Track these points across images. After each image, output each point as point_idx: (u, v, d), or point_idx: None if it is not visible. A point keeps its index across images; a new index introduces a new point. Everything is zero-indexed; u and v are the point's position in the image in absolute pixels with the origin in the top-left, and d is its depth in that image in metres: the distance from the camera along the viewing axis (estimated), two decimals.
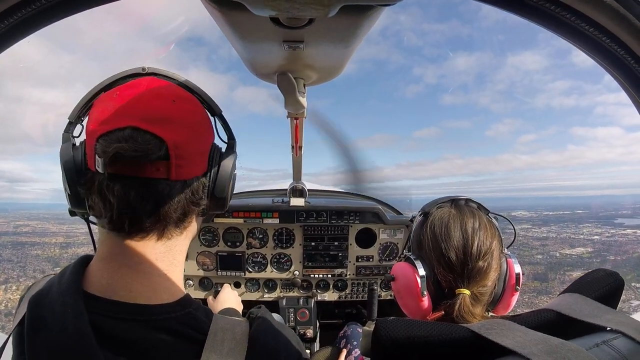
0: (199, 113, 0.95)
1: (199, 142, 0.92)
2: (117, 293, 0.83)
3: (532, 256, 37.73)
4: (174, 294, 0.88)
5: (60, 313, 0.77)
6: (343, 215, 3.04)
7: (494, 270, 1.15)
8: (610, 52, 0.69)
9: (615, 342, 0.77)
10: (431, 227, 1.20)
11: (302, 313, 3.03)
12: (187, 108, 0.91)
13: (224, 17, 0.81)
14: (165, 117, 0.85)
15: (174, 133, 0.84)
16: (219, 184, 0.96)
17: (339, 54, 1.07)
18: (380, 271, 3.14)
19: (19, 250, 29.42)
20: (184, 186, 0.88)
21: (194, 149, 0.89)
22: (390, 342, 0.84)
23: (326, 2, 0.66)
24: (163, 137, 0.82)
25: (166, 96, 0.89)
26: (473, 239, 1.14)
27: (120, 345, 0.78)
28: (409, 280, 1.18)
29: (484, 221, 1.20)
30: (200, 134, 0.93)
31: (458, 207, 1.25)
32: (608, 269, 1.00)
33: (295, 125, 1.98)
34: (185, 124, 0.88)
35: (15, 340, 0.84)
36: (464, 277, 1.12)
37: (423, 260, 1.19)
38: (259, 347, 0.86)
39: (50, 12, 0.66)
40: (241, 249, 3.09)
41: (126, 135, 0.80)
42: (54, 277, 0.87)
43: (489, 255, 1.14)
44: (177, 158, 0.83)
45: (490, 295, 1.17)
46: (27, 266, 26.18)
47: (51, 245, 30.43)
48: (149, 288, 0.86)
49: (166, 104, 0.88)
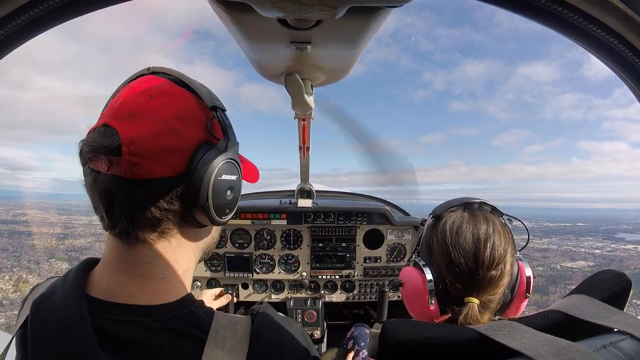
0: (180, 107, 0.84)
1: (170, 138, 0.80)
2: (117, 296, 0.82)
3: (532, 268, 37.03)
4: (175, 294, 0.87)
5: (63, 316, 0.77)
6: (350, 217, 3.04)
7: (506, 277, 1.11)
8: (618, 53, 0.68)
9: (623, 344, 0.76)
10: (442, 233, 1.15)
11: (309, 314, 3.03)
12: (165, 103, 0.83)
13: (231, 18, 0.81)
14: (134, 112, 0.80)
15: (135, 128, 0.78)
16: (193, 189, 0.82)
17: (346, 55, 1.07)
18: (388, 272, 3.13)
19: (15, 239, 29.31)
20: (142, 187, 0.79)
21: (160, 146, 0.79)
22: (397, 343, 0.84)
23: (333, 3, 0.66)
24: (120, 132, 0.78)
25: (146, 92, 0.83)
26: (485, 246, 1.09)
27: (123, 347, 0.78)
28: (417, 287, 1.15)
29: (498, 226, 1.14)
30: (175, 129, 0.81)
31: (471, 211, 1.19)
32: (615, 270, 0.98)
33: (303, 126, 1.98)
34: (155, 119, 0.80)
35: (19, 342, 0.85)
36: (474, 286, 1.08)
37: (432, 266, 1.15)
38: (261, 343, 0.85)
39: (61, 11, 0.67)
40: (249, 250, 3.11)
41: (96, 132, 0.81)
42: (57, 280, 0.87)
43: (502, 263, 1.09)
44: (131, 155, 0.76)
45: (499, 302, 1.14)
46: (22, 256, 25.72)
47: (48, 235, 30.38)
48: (146, 291, 0.84)
49: (141, 100, 0.82)
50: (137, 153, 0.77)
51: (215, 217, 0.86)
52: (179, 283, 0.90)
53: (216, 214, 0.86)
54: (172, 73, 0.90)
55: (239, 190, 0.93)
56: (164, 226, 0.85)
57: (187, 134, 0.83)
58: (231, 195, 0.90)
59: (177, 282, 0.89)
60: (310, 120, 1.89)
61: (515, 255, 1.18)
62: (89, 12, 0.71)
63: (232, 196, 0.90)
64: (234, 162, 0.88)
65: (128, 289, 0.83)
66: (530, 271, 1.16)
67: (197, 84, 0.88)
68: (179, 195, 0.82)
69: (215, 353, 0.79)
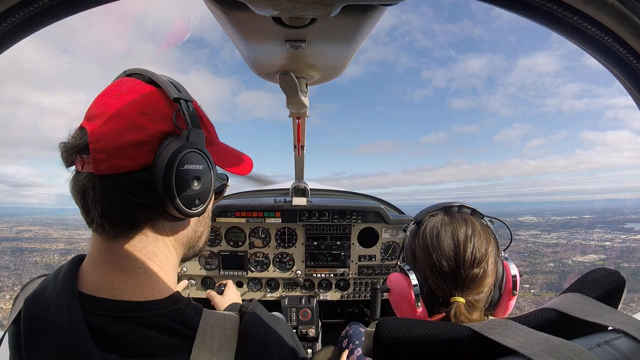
0: (144, 103, 0.85)
1: (133, 133, 0.82)
2: (102, 290, 0.83)
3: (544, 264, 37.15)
4: (161, 291, 0.87)
5: (55, 312, 0.77)
6: (345, 215, 3.04)
7: (490, 276, 1.15)
8: (613, 52, 0.68)
9: (617, 342, 0.77)
10: (423, 237, 1.20)
11: (304, 312, 3.04)
12: (129, 100, 0.84)
13: (226, 16, 0.81)
14: (102, 112, 0.83)
15: (101, 127, 0.81)
16: (156, 181, 0.81)
17: (340, 54, 1.07)
18: (383, 270, 3.14)
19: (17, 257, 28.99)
20: (110, 182, 0.81)
21: (123, 141, 0.80)
22: (392, 341, 0.84)
23: (328, 1, 0.66)
24: (88, 131, 0.82)
25: (115, 92, 0.87)
26: (466, 246, 1.13)
27: (112, 342, 0.78)
28: (403, 292, 1.18)
29: (478, 227, 1.18)
30: (138, 124, 0.82)
31: (450, 214, 1.24)
32: (609, 268, 0.99)
33: (298, 124, 1.98)
34: (119, 116, 0.82)
35: (11, 339, 0.85)
36: (458, 285, 1.12)
37: (417, 270, 1.19)
38: (249, 342, 0.85)
39: (51, 11, 0.67)
40: (243, 249, 3.10)
41: (72, 135, 0.87)
42: (48, 277, 0.88)
43: (484, 262, 1.13)
44: (97, 152, 0.79)
45: (486, 301, 1.17)
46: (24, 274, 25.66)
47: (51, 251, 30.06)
48: (130, 285, 0.85)
49: (109, 100, 0.85)
50: (102, 150, 0.79)
51: (183, 208, 0.84)
52: (162, 278, 0.90)
53: (184, 205, 0.84)
54: (143, 73, 0.92)
55: (209, 180, 0.90)
56: (136, 220, 0.86)
57: (150, 128, 0.84)
58: (199, 185, 0.87)
59: (159, 278, 0.89)
60: (305, 118, 1.89)
61: (500, 255, 1.22)
62: (82, 11, 0.70)
63: (200, 186, 0.87)
64: (199, 151, 0.86)
65: (112, 282, 0.84)
66: (516, 270, 1.20)
67: (164, 79, 0.89)
68: (146, 189, 0.82)
69: (203, 351, 0.80)
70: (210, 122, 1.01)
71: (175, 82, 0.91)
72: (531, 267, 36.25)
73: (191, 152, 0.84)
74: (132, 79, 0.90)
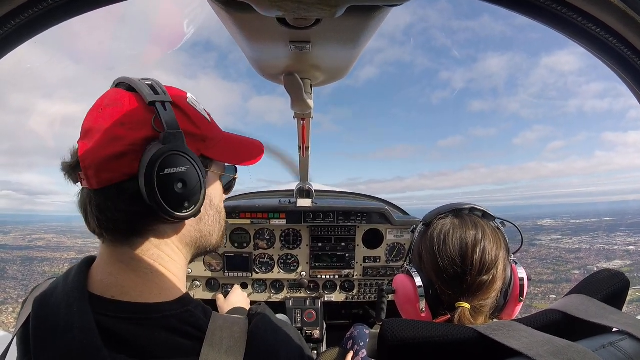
0: (121, 113, 0.85)
1: (113, 145, 0.82)
2: (110, 290, 0.84)
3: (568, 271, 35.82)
4: (170, 293, 0.88)
5: (65, 313, 0.78)
6: (350, 216, 3.04)
7: (499, 282, 1.12)
8: (617, 53, 0.68)
9: (622, 344, 0.76)
10: (430, 240, 1.17)
11: (309, 314, 3.04)
12: (109, 112, 0.85)
13: (230, 17, 0.81)
14: (89, 127, 0.87)
15: (87, 143, 0.85)
16: (141, 188, 0.81)
17: (346, 55, 1.07)
18: (387, 272, 3.13)
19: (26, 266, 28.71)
20: (102, 195, 0.84)
21: (105, 155, 0.82)
22: (396, 342, 0.84)
23: (333, 2, 0.66)
24: (79, 149, 0.86)
25: (98, 107, 0.89)
26: (474, 251, 1.09)
27: (122, 344, 0.78)
28: (408, 294, 1.17)
29: (488, 231, 1.14)
30: (117, 135, 0.83)
31: (460, 217, 1.20)
32: (614, 270, 0.98)
33: (302, 125, 1.98)
34: (101, 130, 0.84)
35: (20, 341, 0.85)
36: (464, 291, 1.09)
37: (423, 272, 1.17)
38: (258, 344, 0.85)
39: (56, 13, 0.67)
40: (248, 250, 3.11)
41: (72, 152, 0.91)
42: (58, 278, 0.89)
43: (493, 268, 1.10)
44: (86, 168, 0.83)
45: (492, 307, 1.15)
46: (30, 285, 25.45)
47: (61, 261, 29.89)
48: (138, 284, 0.86)
49: (94, 115, 0.88)
50: (90, 166, 0.83)
51: (172, 212, 0.83)
52: (170, 280, 0.91)
53: (172, 209, 0.83)
54: (125, 80, 0.91)
55: (196, 180, 0.86)
56: (136, 227, 0.88)
57: (128, 137, 0.83)
58: (184, 187, 0.84)
59: (167, 279, 0.90)
60: (310, 120, 1.89)
61: (508, 258, 1.18)
62: (88, 11, 0.71)
63: (186, 188, 0.85)
64: (178, 153, 0.83)
65: (120, 282, 0.85)
66: (524, 273, 1.16)
67: (140, 84, 0.88)
68: (137, 197, 0.82)
69: (212, 353, 0.80)
70: (202, 118, 0.97)
71: (154, 83, 0.90)
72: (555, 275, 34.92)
73: (171, 155, 0.82)
74: (116, 90, 0.91)
